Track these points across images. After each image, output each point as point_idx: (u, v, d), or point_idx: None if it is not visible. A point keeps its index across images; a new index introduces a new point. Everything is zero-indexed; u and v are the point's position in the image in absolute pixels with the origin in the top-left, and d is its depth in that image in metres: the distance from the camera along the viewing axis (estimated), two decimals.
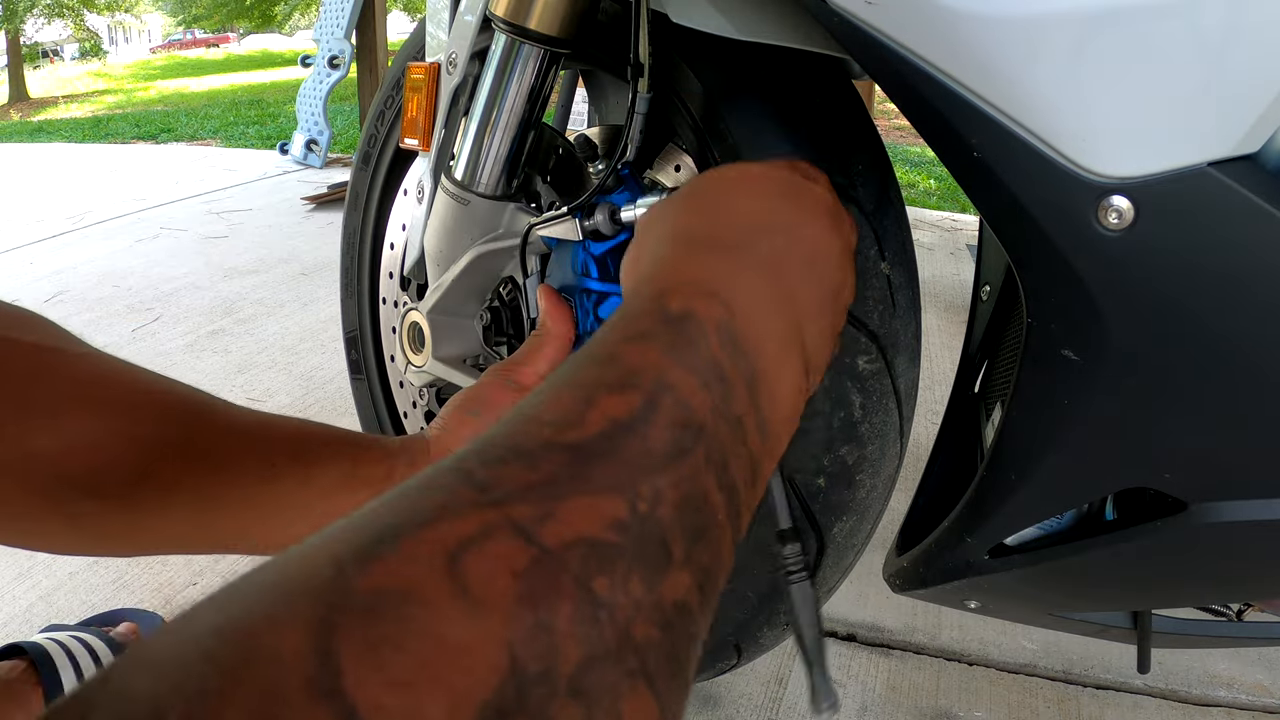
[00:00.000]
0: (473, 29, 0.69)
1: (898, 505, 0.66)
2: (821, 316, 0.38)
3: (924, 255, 2.46)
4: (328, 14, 3.67)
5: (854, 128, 0.61)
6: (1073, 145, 0.39)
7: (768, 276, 0.36)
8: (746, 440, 0.30)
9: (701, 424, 0.27)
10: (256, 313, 1.96)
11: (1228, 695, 0.91)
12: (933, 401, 1.44)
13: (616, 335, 0.30)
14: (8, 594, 1.04)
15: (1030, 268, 0.43)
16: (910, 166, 4.78)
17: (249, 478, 0.50)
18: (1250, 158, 0.37)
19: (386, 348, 0.97)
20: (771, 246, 0.37)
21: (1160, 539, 0.46)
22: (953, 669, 0.94)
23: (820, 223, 0.40)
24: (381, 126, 0.93)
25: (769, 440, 0.32)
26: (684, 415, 0.27)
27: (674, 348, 0.29)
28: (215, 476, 0.48)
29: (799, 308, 0.36)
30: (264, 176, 3.58)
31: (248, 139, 6.11)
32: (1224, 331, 0.39)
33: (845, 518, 0.63)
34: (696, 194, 0.41)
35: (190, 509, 0.48)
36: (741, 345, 0.31)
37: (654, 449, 0.25)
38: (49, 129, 8.01)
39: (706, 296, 0.32)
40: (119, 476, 0.45)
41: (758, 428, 0.31)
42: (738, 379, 0.30)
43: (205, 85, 14.01)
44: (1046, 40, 0.37)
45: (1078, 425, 0.45)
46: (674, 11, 0.56)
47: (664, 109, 0.64)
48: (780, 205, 0.40)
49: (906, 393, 0.63)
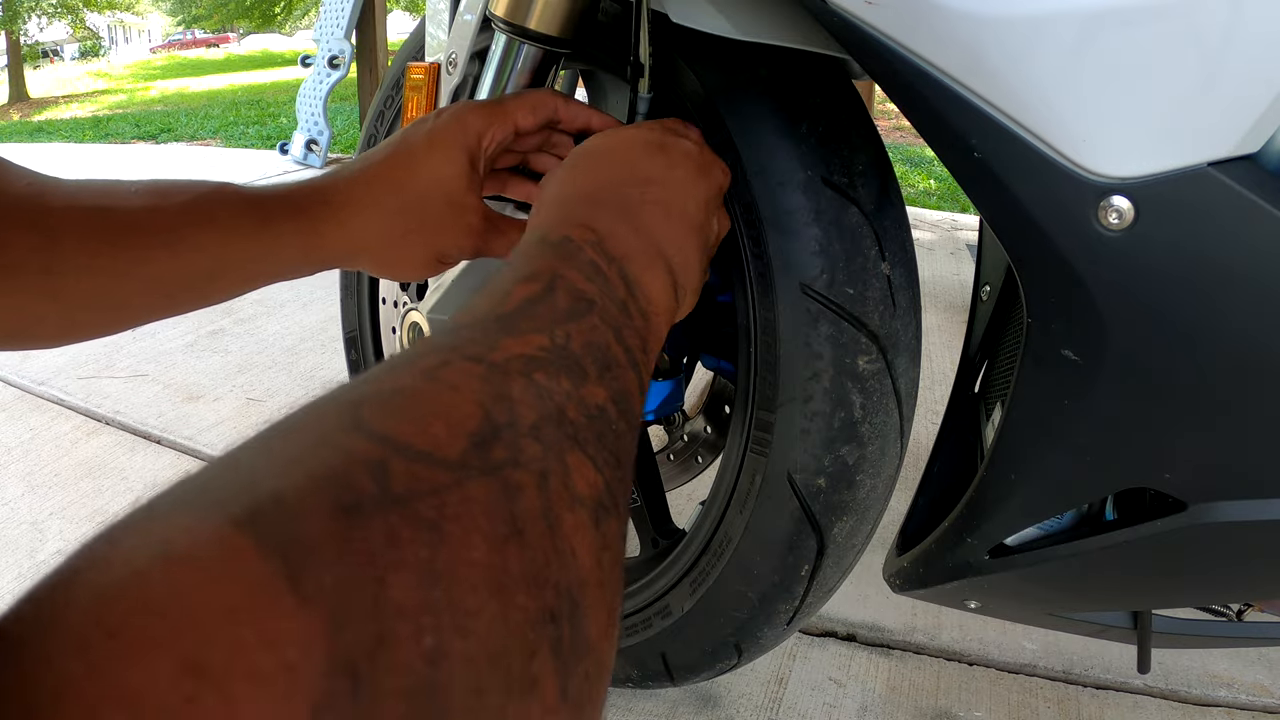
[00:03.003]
0: (473, 29, 0.69)
1: (898, 505, 0.66)
2: (682, 249, 0.46)
3: (924, 255, 2.46)
4: (328, 14, 3.67)
5: (854, 128, 0.61)
6: (1073, 145, 0.39)
7: (626, 216, 0.45)
8: (631, 318, 0.38)
9: (592, 299, 0.36)
10: (256, 313, 1.96)
11: (1228, 695, 0.91)
12: (933, 401, 1.44)
13: (518, 257, 0.39)
14: (8, 594, 1.04)
15: (1030, 268, 0.43)
16: (910, 166, 4.78)
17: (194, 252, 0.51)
18: (1250, 158, 0.37)
19: (386, 348, 0.97)
20: (627, 197, 0.46)
21: (1160, 539, 0.46)
22: (953, 669, 0.94)
23: (678, 173, 0.49)
24: (381, 126, 0.93)
25: (650, 323, 0.40)
26: (578, 292, 0.36)
27: (560, 257, 0.38)
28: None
29: (657, 237, 0.45)
30: (264, 176, 3.58)
31: (248, 139, 6.11)
32: (1224, 331, 0.39)
33: (845, 518, 0.63)
34: (570, 164, 0.49)
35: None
36: (611, 254, 0.40)
37: (559, 309, 0.34)
38: (49, 129, 8.01)
39: (579, 227, 0.41)
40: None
41: (639, 312, 0.39)
42: (614, 276, 0.39)
43: (205, 85, 14.01)
44: (1046, 40, 0.37)
45: (1078, 425, 0.45)
46: (674, 11, 0.56)
47: (664, 109, 0.64)
48: (639, 163, 0.49)
49: (907, 393, 0.63)
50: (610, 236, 0.42)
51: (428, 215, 0.55)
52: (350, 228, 0.54)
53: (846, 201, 0.59)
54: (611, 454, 0.30)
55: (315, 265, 0.55)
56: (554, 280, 0.36)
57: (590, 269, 0.38)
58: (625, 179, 0.48)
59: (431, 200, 0.55)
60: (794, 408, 0.61)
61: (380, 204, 0.54)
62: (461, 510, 0.23)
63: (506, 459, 0.25)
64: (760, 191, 0.59)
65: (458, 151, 0.55)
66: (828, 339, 0.59)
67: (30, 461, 1.34)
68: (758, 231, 0.59)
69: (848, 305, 0.59)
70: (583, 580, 0.26)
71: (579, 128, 0.61)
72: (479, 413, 0.26)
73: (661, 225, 0.46)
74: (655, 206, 0.46)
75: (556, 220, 0.43)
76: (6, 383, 1.60)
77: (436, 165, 0.54)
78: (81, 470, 1.31)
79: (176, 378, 1.62)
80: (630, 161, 0.49)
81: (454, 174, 0.54)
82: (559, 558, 0.25)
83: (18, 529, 1.17)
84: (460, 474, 0.23)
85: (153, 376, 1.63)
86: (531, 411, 0.28)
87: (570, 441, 0.28)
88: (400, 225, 0.55)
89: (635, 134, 0.51)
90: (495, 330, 0.32)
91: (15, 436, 1.41)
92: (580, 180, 0.48)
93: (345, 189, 0.54)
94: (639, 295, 0.40)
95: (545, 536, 0.25)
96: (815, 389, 0.60)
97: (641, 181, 0.48)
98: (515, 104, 0.57)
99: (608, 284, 0.38)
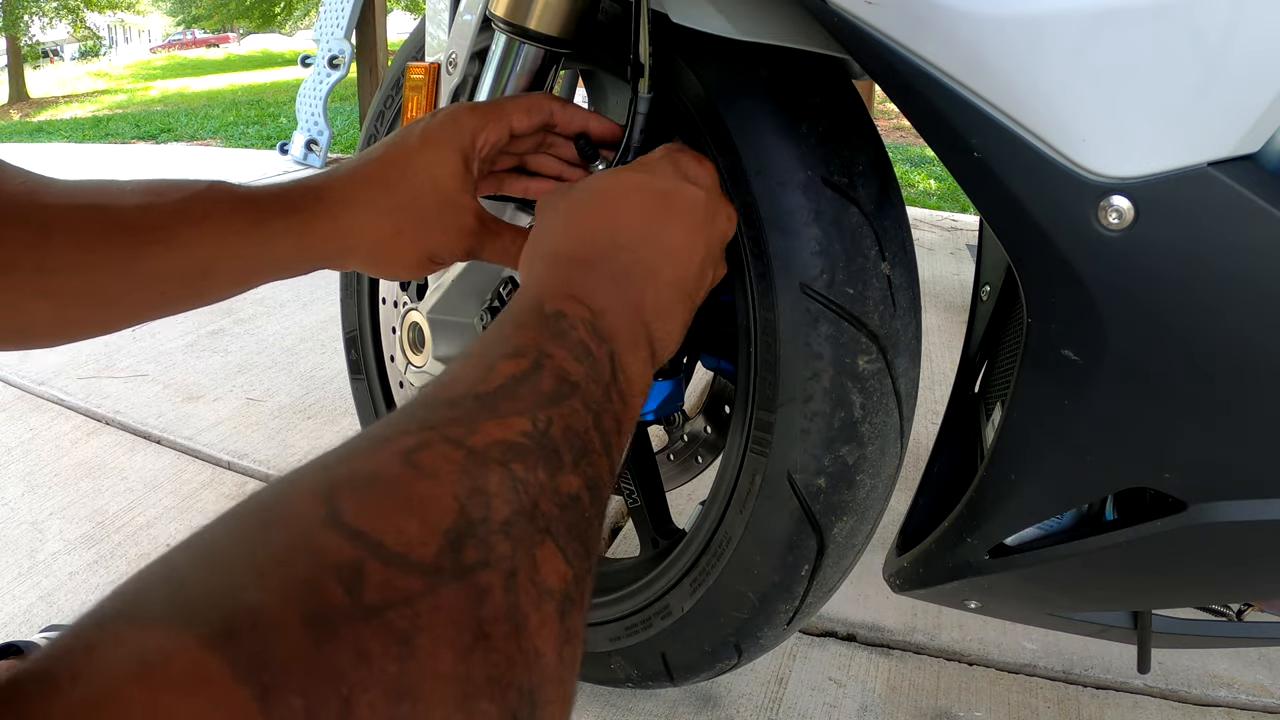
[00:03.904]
0: (473, 29, 0.69)
1: (898, 505, 0.66)
2: (667, 320, 0.47)
3: (924, 255, 2.46)
4: (328, 14, 3.67)
5: (854, 128, 0.61)
6: (1073, 145, 0.39)
7: (619, 288, 0.45)
8: (612, 402, 0.38)
9: (577, 382, 0.36)
10: (256, 312, 1.96)
11: (1228, 695, 0.91)
12: (933, 401, 1.44)
13: (508, 325, 0.39)
14: (8, 594, 1.04)
15: (1030, 268, 0.43)
16: (910, 166, 4.78)
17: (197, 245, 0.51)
18: (1250, 158, 0.37)
19: (386, 348, 0.97)
20: (620, 264, 0.46)
21: (1160, 539, 0.46)
22: (953, 669, 0.94)
23: (677, 232, 0.49)
24: (381, 126, 0.93)
25: (628, 404, 0.41)
26: (563, 374, 0.36)
27: (552, 334, 0.39)
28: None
29: (645, 309, 0.46)
30: (264, 176, 3.58)
31: (248, 139, 6.11)
32: (1224, 331, 0.39)
33: (845, 518, 0.63)
34: (567, 212, 0.50)
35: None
36: (602, 333, 0.41)
37: (543, 391, 0.34)
38: (49, 129, 8.01)
39: (573, 301, 0.42)
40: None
41: (619, 395, 0.40)
42: (603, 358, 0.40)
43: (205, 85, 14.01)
44: (1046, 40, 0.37)
45: (1078, 425, 0.45)
46: (674, 11, 0.56)
47: (664, 109, 0.64)
48: (637, 219, 0.48)
49: (907, 393, 0.63)
50: (603, 314, 0.42)
51: (420, 214, 0.55)
52: (342, 225, 0.54)
53: (846, 201, 0.59)
54: (581, 544, 0.31)
55: (309, 263, 0.55)
56: (541, 359, 0.36)
57: (580, 350, 0.39)
58: (621, 240, 0.47)
59: (424, 199, 0.54)
60: (794, 408, 0.61)
61: (373, 203, 0.54)
62: (432, 619, 0.23)
63: (477, 560, 0.25)
64: (760, 191, 0.59)
65: (451, 152, 0.54)
66: (828, 339, 0.59)
67: (30, 461, 1.34)
68: (758, 231, 0.59)
69: (848, 305, 0.59)
70: (545, 678, 0.26)
71: (575, 130, 0.61)
72: (455, 507, 0.26)
73: (652, 296, 0.46)
74: (648, 276, 0.47)
75: (550, 285, 0.43)
76: (6, 383, 1.59)
77: (430, 165, 0.54)
78: (81, 470, 1.31)
79: (176, 378, 1.62)
80: (628, 215, 0.49)
81: (447, 174, 0.54)
82: (523, 658, 0.25)
83: (18, 529, 1.17)
84: (433, 580, 0.23)
85: (153, 376, 1.63)
86: (506, 506, 0.28)
87: (542, 534, 0.29)
88: (392, 224, 0.54)
89: (638, 180, 0.50)
90: (477, 411, 0.32)
91: (15, 436, 1.41)
92: (575, 236, 0.48)
93: (339, 187, 0.54)
94: (621, 378, 0.41)
95: (511, 638, 0.25)
96: (815, 389, 0.60)
97: (637, 242, 0.47)
98: (511, 106, 0.57)
99: (595, 366, 0.39)
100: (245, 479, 1.30)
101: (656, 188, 0.50)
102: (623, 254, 0.47)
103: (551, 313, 0.40)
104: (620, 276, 0.46)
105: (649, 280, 0.47)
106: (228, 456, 1.34)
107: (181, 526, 1.17)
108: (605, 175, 0.52)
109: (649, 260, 0.47)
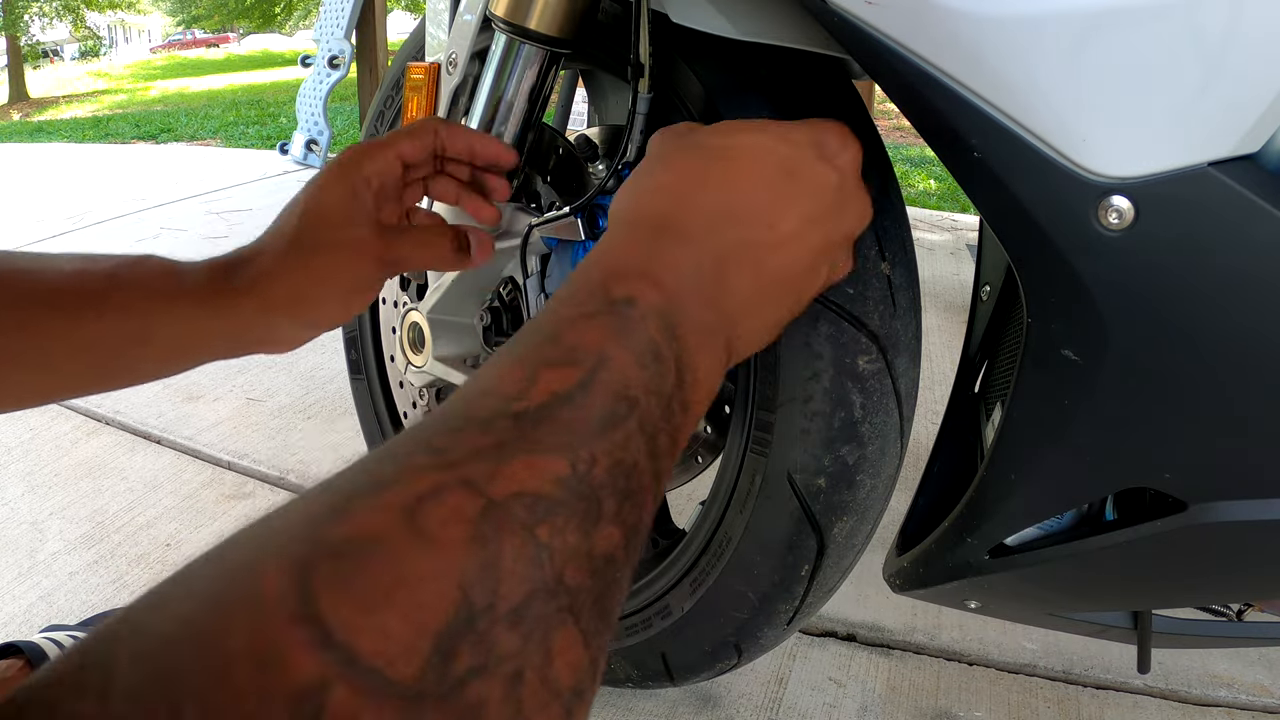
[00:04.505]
0: (473, 29, 0.69)
1: (898, 505, 0.66)
2: (760, 312, 0.40)
3: (924, 255, 2.46)
4: (328, 14, 3.67)
5: (854, 128, 0.61)
6: (1073, 145, 0.39)
7: (713, 273, 0.37)
8: (672, 416, 0.32)
9: (635, 399, 0.30)
10: None
11: (1228, 695, 0.91)
12: (933, 401, 1.44)
13: (564, 312, 0.33)
14: (8, 594, 1.04)
15: (1030, 268, 0.43)
16: (910, 166, 4.78)
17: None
18: (1250, 158, 0.37)
19: (386, 348, 0.97)
20: (724, 240, 0.39)
21: (1160, 539, 0.46)
22: (953, 669, 0.94)
23: (797, 215, 0.41)
24: (381, 126, 0.93)
25: (689, 415, 0.34)
26: (621, 389, 0.30)
27: (615, 329, 0.32)
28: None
29: (736, 303, 0.38)
30: (264, 176, 3.58)
31: (248, 139, 6.11)
32: (1224, 331, 0.39)
33: (845, 518, 0.63)
34: (673, 161, 0.42)
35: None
36: (676, 331, 0.34)
37: (592, 417, 0.28)
38: (49, 129, 8.02)
39: (651, 284, 0.35)
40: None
41: (682, 406, 0.33)
42: (669, 360, 0.33)
43: (205, 85, 14.01)
44: (1046, 40, 0.37)
45: (1078, 425, 0.45)
46: (674, 11, 0.56)
47: (664, 109, 0.64)
48: (754, 187, 0.40)
49: (907, 393, 0.63)
50: (682, 303, 0.35)
51: (321, 256, 0.54)
52: (258, 286, 0.54)
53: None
54: (604, 618, 0.26)
55: (238, 334, 0.55)
56: (596, 368, 0.30)
57: (647, 352, 0.32)
58: (724, 215, 0.39)
59: (321, 240, 0.54)
60: (794, 408, 0.61)
61: (281, 258, 0.54)
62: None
63: (471, 669, 0.21)
64: None
65: (340, 186, 0.54)
66: (828, 339, 0.59)
67: (30, 461, 1.34)
68: None
69: (848, 305, 0.59)
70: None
71: (458, 152, 0.59)
72: (454, 597, 0.21)
73: (747, 286, 0.39)
74: (750, 261, 0.39)
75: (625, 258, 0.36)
76: None
77: (322, 203, 0.54)
78: (81, 470, 1.31)
79: (176, 378, 1.62)
80: (748, 182, 0.40)
81: (337, 207, 0.54)
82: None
83: (18, 529, 1.17)
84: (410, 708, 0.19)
85: None
86: (520, 587, 0.23)
87: (562, 616, 0.24)
88: (301, 272, 0.54)
89: (767, 143, 0.42)
90: (509, 438, 0.26)
91: (15, 436, 1.41)
92: (672, 195, 0.40)
93: (251, 251, 0.55)
94: (687, 384, 0.34)
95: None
96: (815, 389, 0.60)
97: (750, 216, 0.39)
98: (398, 135, 0.57)
99: (660, 373, 0.32)
100: (245, 479, 1.30)
101: (784, 156, 0.42)
102: (728, 228, 0.39)
103: (620, 298, 0.34)
104: (717, 257, 0.38)
105: (749, 266, 0.39)
106: (228, 456, 1.34)
107: (181, 526, 1.17)
108: (730, 126, 0.43)
109: (757, 241, 0.39)
